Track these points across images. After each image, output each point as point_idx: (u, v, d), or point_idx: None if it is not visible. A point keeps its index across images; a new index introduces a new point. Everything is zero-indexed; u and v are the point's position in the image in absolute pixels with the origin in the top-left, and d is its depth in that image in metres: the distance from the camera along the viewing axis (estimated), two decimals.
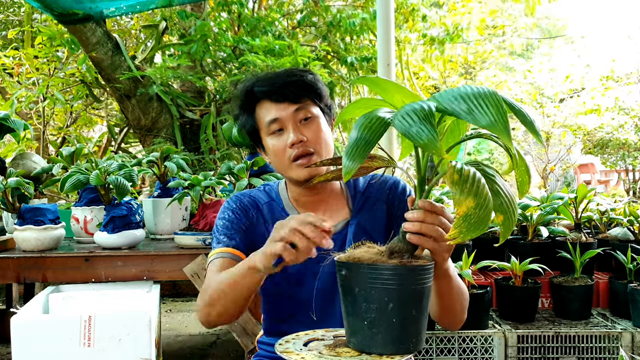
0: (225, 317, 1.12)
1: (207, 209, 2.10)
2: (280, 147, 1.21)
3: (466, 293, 1.15)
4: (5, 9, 5.77)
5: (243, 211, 1.26)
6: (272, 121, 1.21)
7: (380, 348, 0.87)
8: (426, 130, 0.71)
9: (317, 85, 1.23)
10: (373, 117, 0.80)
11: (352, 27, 4.47)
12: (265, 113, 1.22)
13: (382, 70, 2.62)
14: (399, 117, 0.75)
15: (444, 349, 2.05)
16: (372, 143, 0.78)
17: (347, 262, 0.88)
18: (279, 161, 1.23)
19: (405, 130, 0.73)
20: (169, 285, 4.53)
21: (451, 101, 0.74)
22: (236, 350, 3.11)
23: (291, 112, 1.20)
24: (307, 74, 1.23)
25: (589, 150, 6.94)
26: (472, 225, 0.76)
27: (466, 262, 2.03)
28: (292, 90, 1.19)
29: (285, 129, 1.20)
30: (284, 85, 1.20)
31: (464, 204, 0.76)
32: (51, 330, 1.66)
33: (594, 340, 2.05)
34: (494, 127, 0.70)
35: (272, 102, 1.21)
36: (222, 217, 1.26)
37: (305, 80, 1.21)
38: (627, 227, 2.43)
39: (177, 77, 4.28)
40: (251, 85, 1.24)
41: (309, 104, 1.21)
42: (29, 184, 2.17)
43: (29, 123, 3.72)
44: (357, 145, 0.77)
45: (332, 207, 1.27)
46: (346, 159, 0.77)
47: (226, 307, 1.10)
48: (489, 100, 0.72)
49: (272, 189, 1.33)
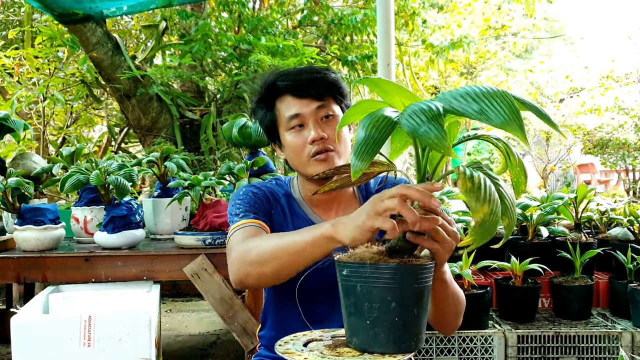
0: (268, 280, 1.04)
1: (207, 209, 2.10)
2: (300, 143, 1.20)
3: (462, 299, 1.15)
4: (6, 9, 5.77)
5: (264, 197, 1.25)
6: (293, 116, 1.20)
7: (382, 347, 0.87)
8: (435, 129, 0.71)
9: (339, 84, 1.23)
10: (379, 117, 0.80)
11: (354, 24, 4.48)
12: (286, 108, 1.21)
13: (382, 70, 2.62)
14: (406, 116, 0.75)
15: (444, 349, 2.05)
16: (380, 142, 0.77)
17: (349, 262, 0.88)
18: (298, 157, 1.22)
19: (413, 130, 0.72)
20: (169, 285, 4.53)
21: (458, 100, 0.73)
22: (236, 350, 3.12)
23: (313, 109, 1.19)
24: (330, 72, 1.23)
25: (589, 150, 6.95)
26: (486, 231, 0.76)
27: (466, 262, 2.03)
28: (316, 87, 1.19)
29: (306, 125, 1.20)
30: (308, 82, 1.19)
31: (480, 211, 0.75)
32: (51, 330, 1.65)
33: (594, 340, 2.05)
34: (509, 125, 0.69)
35: (295, 97, 1.20)
36: (240, 199, 1.23)
37: (328, 79, 1.21)
38: (627, 227, 2.43)
39: (178, 76, 4.29)
40: (274, 79, 1.23)
41: (331, 102, 1.21)
42: (29, 184, 2.17)
43: (29, 123, 3.71)
44: (365, 144, 0.77)
45: (344, 207, 1.28)
46: (355, 159, 0.76)
47: (276, 272, 1.02)
48: (500, 99, 0.71)
49: (284, 184, 1.32)
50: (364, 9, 4.83)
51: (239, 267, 1.07)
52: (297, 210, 1.26)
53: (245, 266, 1.06)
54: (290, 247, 1.00)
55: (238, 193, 1.26)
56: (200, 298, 4.40)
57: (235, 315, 1.98)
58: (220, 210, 2.09)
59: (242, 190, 1.26)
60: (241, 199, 1.23)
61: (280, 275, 1.03)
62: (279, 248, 1.01)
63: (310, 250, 0.97)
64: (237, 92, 4.30)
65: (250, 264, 1.05)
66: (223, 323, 2.22)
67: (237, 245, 1.12)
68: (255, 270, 1.04)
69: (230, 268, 1.10)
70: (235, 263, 1.08)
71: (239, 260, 1.07)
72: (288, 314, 1.26)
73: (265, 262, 1.02)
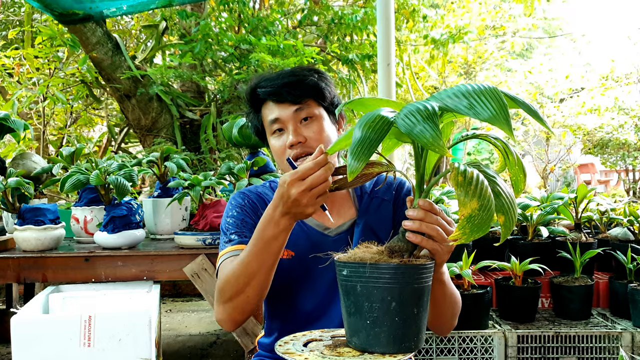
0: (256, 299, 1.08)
1: (207, 209, 2.10)
2: (281, 147, 1.21)
3: (459, 300, 1.15)
4: (6, 9, 5.77)
5: (251, 207, 1.25)
6: (273, 121, 1.21)
7: (382, 347, 0.87)
8: (430, 129, 0.72)
9: (320, 85, 1.22)
10: (375, 117, 0.80)
11: (354, 23, 4.48)
12: (268, 113, 1.23)
13: (382, 70, 2.62)
14: (402, 116, 0.75)
15: (444, 349, 2.05)
16: (376, 142, 0.78)
17: (349, 262, 0.89)
18: (280, 161, 1.23)
19: (408, 130, 0.73)
20: (169, 285, 4.53)
21: (451, 98, 0.75)
22: (236, 351, 3.12)
23: (291, 113, 1.19)
24: (311, 74, 1.22)
25: (589, 150, 6.95)
26: (476, 227, 0.77)
27: (466, 262, 2.03)
28: (292, 91, 1.19)
29: (285, 129, 1.20)
30: (283, 86, 1.19)
31: (468, 205, 0.76)
32: (51, 330, 1.66)
33: (594, 340, 2.05)
34: (496, 120, 0.72)
35: (274, 102, 1.21)
36: (230, 216, 1.24)
37: (306, 81, 1.20)
38: (627, 227, 2.43)
39: (178, 76, 4.29)
40: (255, 86, 1.24)
41: (311, 104, 1.21)
42: (29, 184, 2.17)
43: (29, 123, 3.72)
44: (361, 144, 0.77)
45: (339, 207, 1.27)
46: (351, 159, 0.77)
47: (259, 287, 1.06)
48: (489, 95, 0.73)
49: (277, 186, 1.32)
50: (364, 7, 4.83)
51: (224, 311, 1.10)
52: None
53: (226, 306, 1.09)
54: (254, 256, 1.03)
55: (228, 205, 1.27)
56: (200, 298, 4.40)
57: None
58: (220, 210, 2.09)
59: (232, 202, 1.27)
60: (230, 216, 1.24)
61: (262, 287, 1.06)
62: (247, 264, 1.04)
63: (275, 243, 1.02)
64: (237, 92, 4.30)
65: (229, 299, 1.08)
66: None
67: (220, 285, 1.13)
68: (239, 300, 1.07)
69: (216, 309, 1.12)
70: (217, 305, 1.11)
71: (220, 305, 1.10)
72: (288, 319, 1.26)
73: (242, 288, 1.05)
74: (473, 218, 0.77)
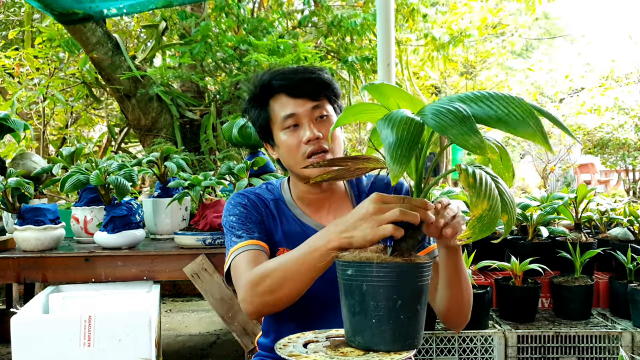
0: (286, 303, 1.05)
1: (207, 209, 2.10)
2: (294, 142, 1.20)
3: (470, 286, 1.16)
4: (6, 9, 5.77)
5: (253, 206, 1.25)
6: (288, 116, 1.20)
7: (388, 345, 0.87)
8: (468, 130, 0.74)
9: (333, 84, 1.23)
10: (402, 118, 0.78)
11: (354, 27, 4.48)
12: (280, 107, 1.21)
13: (382, 70, 2.61)
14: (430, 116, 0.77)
15: (444, 349, 2.05)
16: (414, 144, 0.76)
17: (355, 262, 0.89)
18: (292, 157, 1.21)
19: (441, 130, 0.75)
20: (169, 285, 4.53)
21: (482, 108, 0.76)
22: (236, 350, 3.12)
23: (309, 109, 1.19)
24: (324, 73, 1.23)
25: (589, 150, 6.95)
26: (485, 226, 0.79)
27: (466, 262, 2.03)
28: (311, 87, 1.19)
29: (300, 125, 1.20)
30: (303, 81, 1.19)
31: (480, 206, 0.78)
32: (51, 330, 1.66)
33: (594, 340, 2.05)
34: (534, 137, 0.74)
35: (290, 97, 1.20)
36: (233, 214, 1.23)
37: (323, 79, 1.21)
38: (627, 227, 2.43)
39: (177, 77, 4.29)
40: (269, 78, 1.22)
41: (325, 103, 1.22)
42: (29, 184, 2.17)
43: (29, 123, 3.71)
44: (399, 147, 0.75)
45: (336, 206, 1.28)
46: (392, 163, 0.75)
47: (293, 293, 1.03)
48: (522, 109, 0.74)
49: (274, 188, 1.32)
50: (362, 12, 4.83)
51: (253, 298, 1.06)
52: (287, 213, 1.26)
53: (259, 297, 1.05)
54: (299, 266, 1.00)
55: (228, 206, 1.26)
56: (200, 298, 4.40)
57: (235, 315, 1.98)
58: (220, 210, 2.09)
59: (231, 203, 1.26)
60: (233, 214, 1.23)
61: (296, 294, 1.04)
62: (289, 270, 1.01)
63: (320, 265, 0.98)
64: (237, 92, 4.30)
65: (263, 294, 1.04)
66: (223, 323, 2.22)
67: (244, 274, 1.10)
68: (272, 297, 1.04)
69: (243, 298, 1.09)
70: (248, 295, 1.07)
71: (251, 292, 1.06)
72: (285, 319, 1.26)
73: (280, 287, 1.02)
74: (483, 218, 0.78)
